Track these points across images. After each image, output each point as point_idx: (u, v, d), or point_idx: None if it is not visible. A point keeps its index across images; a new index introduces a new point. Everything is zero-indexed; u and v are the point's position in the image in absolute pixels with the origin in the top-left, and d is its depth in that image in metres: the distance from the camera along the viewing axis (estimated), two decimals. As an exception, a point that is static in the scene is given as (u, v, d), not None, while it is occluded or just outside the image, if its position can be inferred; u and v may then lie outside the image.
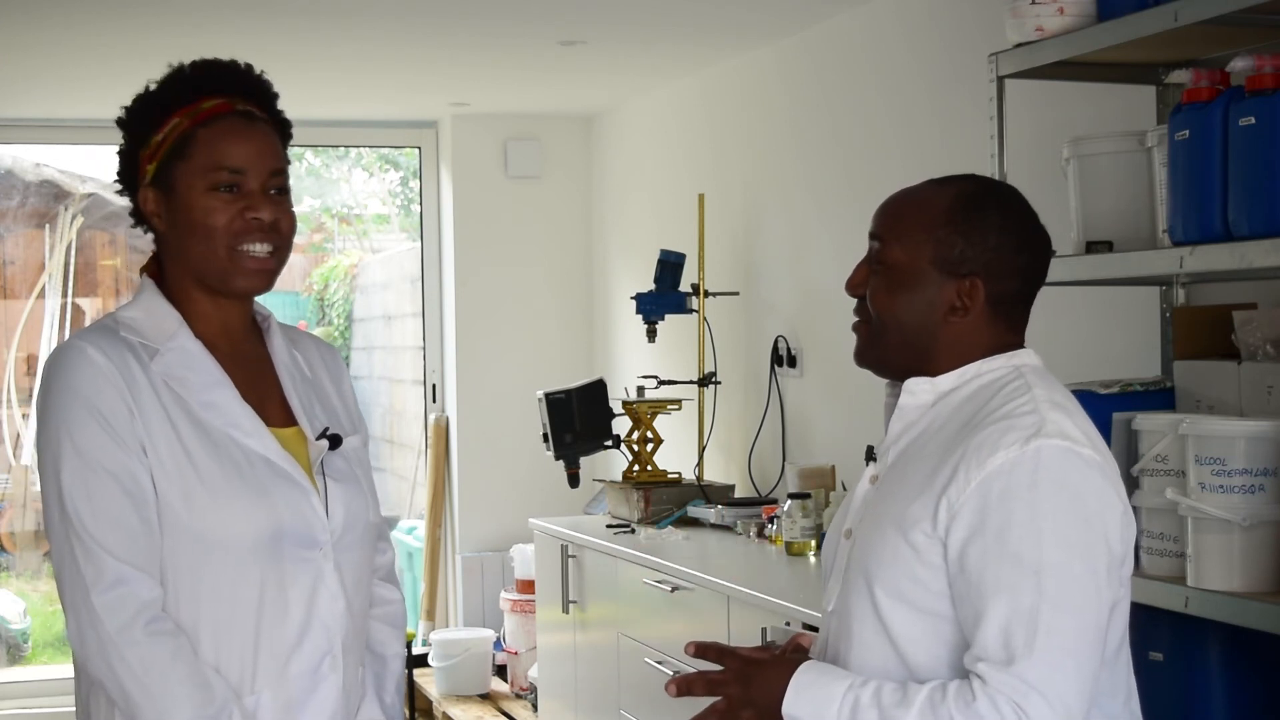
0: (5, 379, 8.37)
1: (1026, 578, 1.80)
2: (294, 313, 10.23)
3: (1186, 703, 2.69)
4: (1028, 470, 1.82)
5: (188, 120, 2.12)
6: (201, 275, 2.15)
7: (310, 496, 2.14)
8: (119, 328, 2.13)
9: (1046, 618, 1.78)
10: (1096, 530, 1.84)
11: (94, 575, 2.01)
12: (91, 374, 2.06)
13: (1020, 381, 1.94)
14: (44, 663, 7.75)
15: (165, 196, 2.14)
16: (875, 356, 2.03)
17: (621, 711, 4.72)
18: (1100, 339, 3.63)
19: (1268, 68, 2.48)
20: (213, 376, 2.13)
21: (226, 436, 2.11)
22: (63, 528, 2.04)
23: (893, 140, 4.60)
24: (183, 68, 2.18)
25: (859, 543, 1.98)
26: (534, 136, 7.00)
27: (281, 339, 2.28)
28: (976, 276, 1.96)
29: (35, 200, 8.50)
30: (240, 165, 2.12)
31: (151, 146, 2.14)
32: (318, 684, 2.13)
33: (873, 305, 2.00)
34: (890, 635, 1.90)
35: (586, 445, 5.35)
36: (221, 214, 2.11)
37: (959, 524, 1.84)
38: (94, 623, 2.01)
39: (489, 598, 6.85)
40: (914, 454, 1.96)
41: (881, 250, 1.99)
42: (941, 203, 1.97)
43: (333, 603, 2.15)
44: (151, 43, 5.04)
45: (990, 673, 1.79)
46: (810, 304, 5.09)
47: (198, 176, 2.11)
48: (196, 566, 2.07)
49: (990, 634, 1.80)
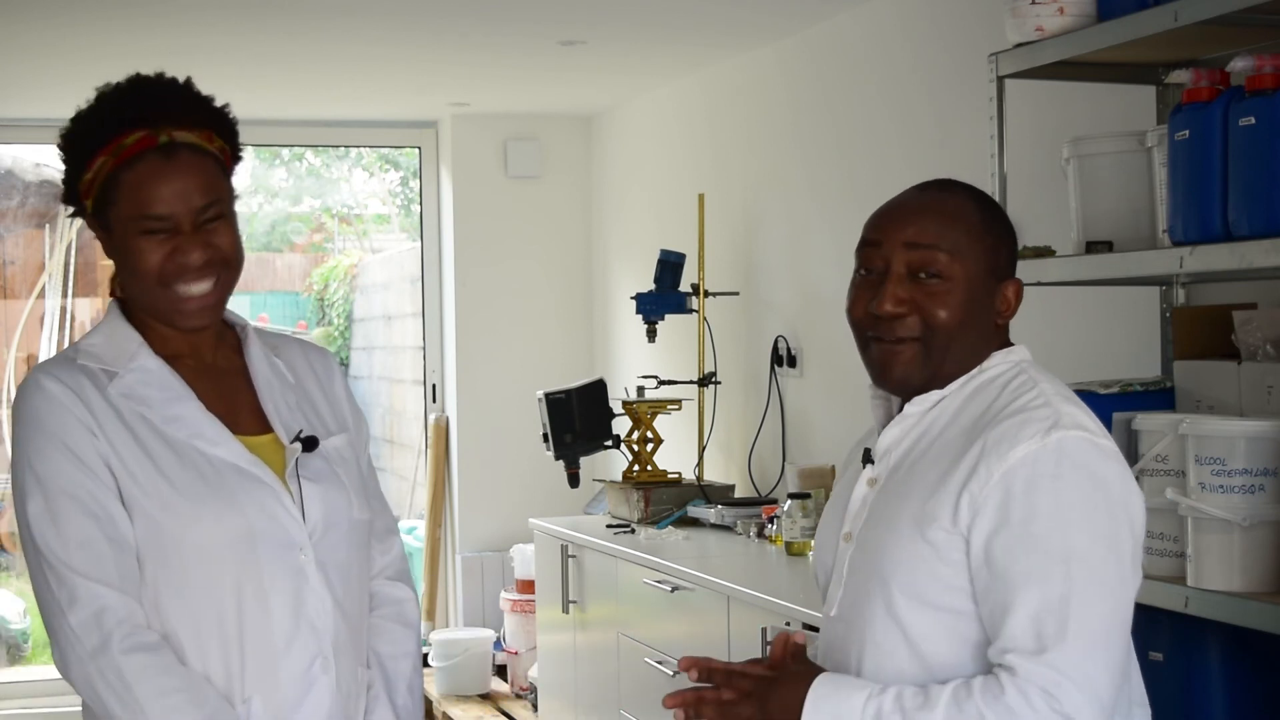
0: (5, 379, 8.37)
1: (1055, 567, 1.79)
2: (294, 313, 10.24)
3: (1186, 703, 2.69)
4: (1051, 461, 1.82)
5: (111, 160, 2.09)
6: (147, 313, 2.17)
7: (281, 497, 2.14)
8: (78, 356, 2.15)
9: (1077, 606, 1.77)
10: (1121, 518, 1.84)
11: (67, 598, 2.03)
12: (47, 403, 2.08)
13: (1025, 377, 1.94)
14: (44, 663, 7.73)
15: (104, 234, 2.15)
16: (929, 373, 1.97)
17: (621, 711, 4.72)
18: (1100, 339, 3.63)
19: (1268, 68, 2.48)
20: (174, 391, 2.14)
21: (191, 447, 2.11)
22: (35, 558, 2.07)
23: (893, 140, 4.60)
24: (103, 96, 2.15)
25: (866, 546, 1.96)
26: (534, 136, 7.00)
27: (259, 347, 2.27)
28: (1015, 278, 2.00)
29: (35, 200, 8.50)
30: (164, 212, 2.09)
31: (84, 184, 2.13)
32: (310, 686, 2.13)
33: (931, 320, 1.94)
34: (908, 637, 1.88)
35: (586, 445, 5.35)
36: (152, 256, 2.10)
37: (983, 518, 1.83)
38: (72, 644, 2.03)
39: (489, 598, 6.85)
40: (920, 455, 1.95)
41: (932, 262, 1.93)
42: (972, 210, 1.97)
43: (319, 603, 2.14)
44: (151, 43, 5.04)
45: (1020, 663, 1.77)
46: (810, 304, 5.09)
47: (127, 222, 2.10)
48: (176, 575, 2.07)
49: (1020, 624, 1.78)
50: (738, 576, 4.11)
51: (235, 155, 2.21)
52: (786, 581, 4.05)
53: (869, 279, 1.99)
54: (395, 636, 2.30)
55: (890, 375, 1.98)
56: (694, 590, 4.22)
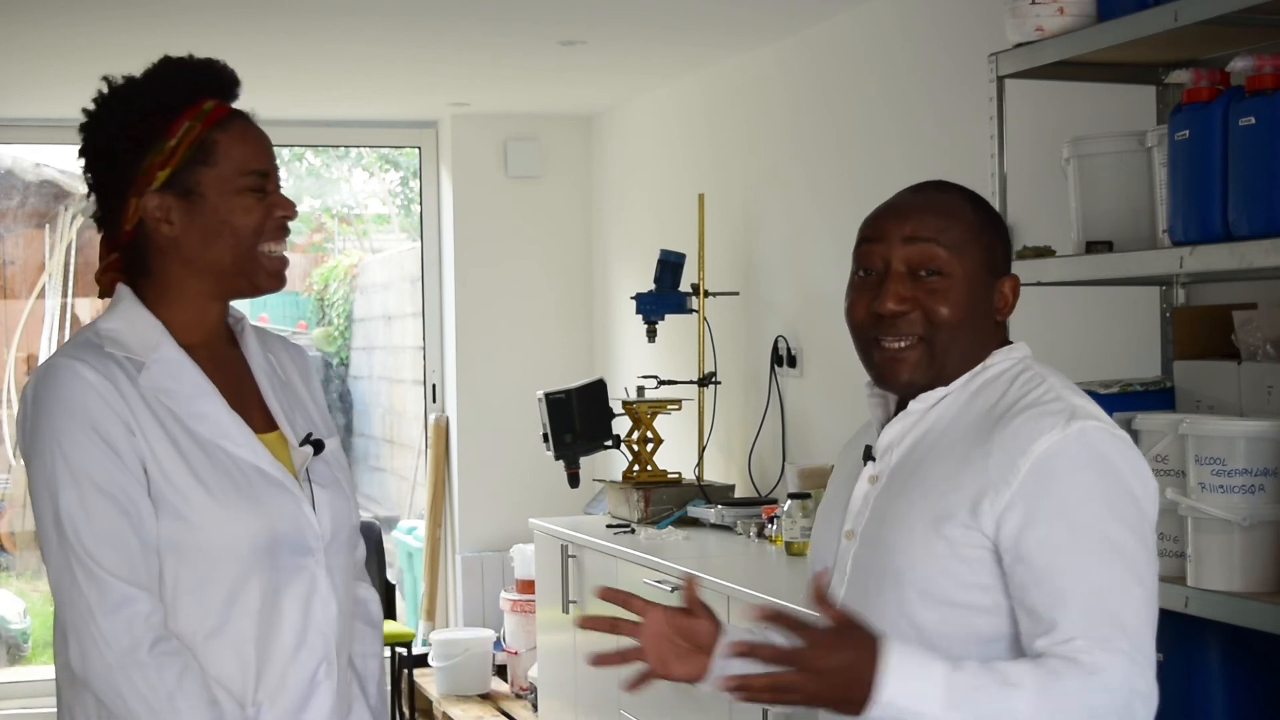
0: (5, 379, 8.37)
1: (1097, 557, 1.80)
2: (294, 313, 10.24)
3: (1186, 703, 2.69)
4: (1075, 451, 1.83)
5: (199, 125, 2.09)
6: (222, 277, 2.14)
7: (302, 504, 2.13)
8: (103, 342, 2.09)
9: (1119, 592, 1.79)
10: (1144, 508, 1.86)
11: (98, 598, 1.99)
12: (87, 392, 2.03)
13: (1032, 372, 1.95)
14: (44, 663, 7.73)
15: (183, 201, 2.10)
16: (934, 372, 1.96)
17: (621, 711, 4.72)
18: (1100, 339, 3.63)
19: (1268, 68, 2.48)
20: (199, 386, 2.11)
21: (217, 447, 2.09)
22: (62, 551, 2.01)
23: (893, 140, 4.60)
24: (164, 67, 2.14)
25: (872, 543, 1.95)
26: (534, 136, 7.00)
27: (255, 341, 2.26)
28: (1012, 274, 2.00)
29: (35, 200, 8.50)
30: (265, 167, 2.13)
31: (165, 152, 2.09)
32: (314, 691, 2.13)
33: (934, 317, 1.93)
34: (921, 633, 1.87)
35: (586, 445, 5.35)
36: (253, 213, 2.11)
37: (1012, 513, 1.83)
38: (100, 646, 1.98)
39: (489, 598, 6.85)
40: (926, 452, 1.94)
41: (933, 259, 1.93)
42: (967, 207, 1.98)
43: (327, 609, 2.14)
44: (151, 43, 5.00)
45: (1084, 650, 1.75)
46: (810, 304, 5.09)
47: (228, 180, 2.10)
48: (196, 575, 2.06)
49: (1072, 615, 1.78)
50: (738, 576, 4.11)
51: None
52: (786, 581, 4.05)
53: (868, 280, 1.98)
54: (364, 636, 2.32)
55: (896, 380, 1.97)
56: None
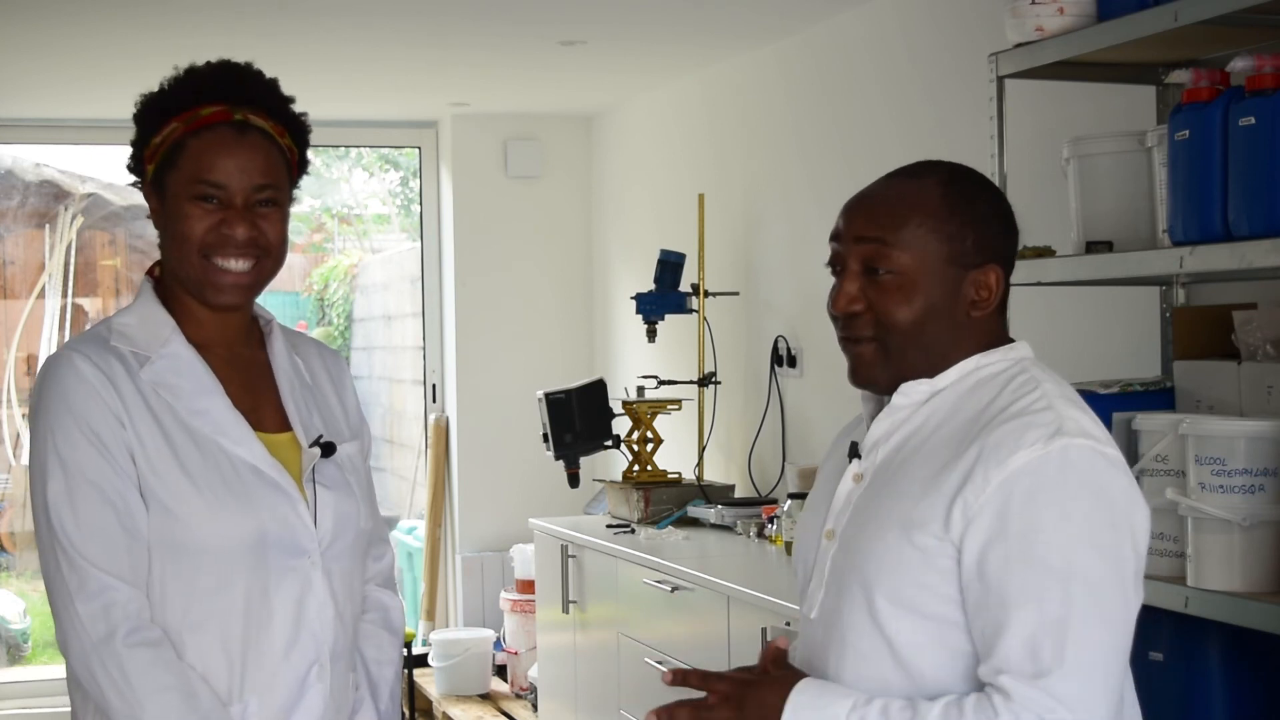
0: (5, 379, 8.36)
1: (1055, 585, 1.69)
2: (294, 313, 10.23)
3: (1186, 703, 2.69)
4: (1054, 470, 1.72)
5: (183, 127, 2.13)
6: (181, 283, 2.17)
7: (297, 505, 2.14)
8: (111, 336, 2.14)
9: (1076, 629, 1.68)
10: (1124, 534, 1.74)
11: (77, 585, 2.03)
12: (79, 386, 2.07)
13: (1026, 376, 1.85)
14: (44, 663, 7.74)
15: (159, 200, 2.16)
16: (892, 373, 1.88)
17: (621, 711, 4.72)
18: (1100, 339, 3.63)
19: (1268, 68, 2.48)
20: (203, 384, 2.14)
21: (214, 443, 2.11)
22: (49, 538, 2.06)
23: (893, 140, 4.60)
24: (191, 70, 2.19)
25: (849, 546, 1.87)
26: (534, 136, 7.00)
27: (283, 343, 2.27)
28: (995, 265, 1.88)
29: (35, 200, 8.50)
30: (221, 180, 2.12)
31: (151, 148, 2.15)
32: (304, 692, 2.13)
33: (885, 318, 1.87)
34: (892, 645, 1.79)
35: (586, 445, 5.35)
36: (199, 223, 2.12)
37: (977, 527, 1.73)
38: (78, 631, 2.03)
39: (489, 598, 6.85)
40: (911, 453, 1.85)
41: (882, 258, 1.87)
42: (932, 195, 1.88)
43: (321, 611, 2.15)
44: (151, 43, 5.04)
45: (1015, 686, 1.68)
46: (810, 304, 5.09)
47: (183, 186, 2.12)
48: (184, 573, 2.07)
49: (1015, 645, 1.69)
50: (738, 577, 4.11)
51: (302, 161, 2.24)
52: (786, 581, 4.05)
53: (836, 276, 1.95)
54: (382, 642, 2.32)
55: (856, 377, 1.94)
56: (694, 590, 4.22)
